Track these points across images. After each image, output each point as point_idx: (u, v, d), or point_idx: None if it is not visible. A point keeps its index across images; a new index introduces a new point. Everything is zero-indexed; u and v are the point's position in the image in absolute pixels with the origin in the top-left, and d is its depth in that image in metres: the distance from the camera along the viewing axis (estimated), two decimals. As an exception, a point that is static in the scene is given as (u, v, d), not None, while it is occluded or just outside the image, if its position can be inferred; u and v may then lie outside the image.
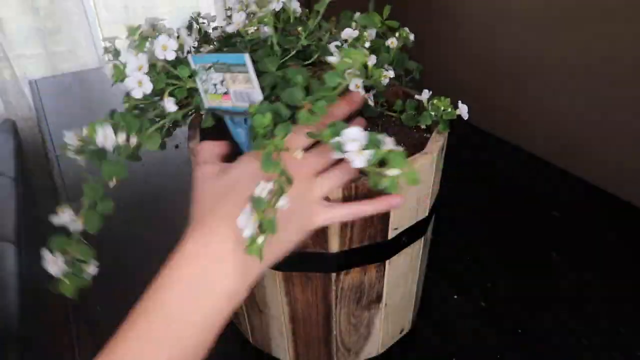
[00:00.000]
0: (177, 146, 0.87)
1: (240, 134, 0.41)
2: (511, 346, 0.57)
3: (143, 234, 0.78)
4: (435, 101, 0.45)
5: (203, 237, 0.35)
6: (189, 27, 0.47)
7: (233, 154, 0.41)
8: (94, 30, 1.84)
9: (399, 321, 0.55)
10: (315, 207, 0.38)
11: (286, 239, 0.37)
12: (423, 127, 0.49)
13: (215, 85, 0.38)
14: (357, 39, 0.42)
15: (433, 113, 0.46)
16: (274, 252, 0.37)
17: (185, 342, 0.34)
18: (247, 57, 0.35)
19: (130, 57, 0.37)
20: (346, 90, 0.37)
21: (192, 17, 0.48)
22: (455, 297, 0.64)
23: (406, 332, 0.58)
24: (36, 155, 1.86)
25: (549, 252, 0.71)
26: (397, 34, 0.47)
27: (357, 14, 0.44)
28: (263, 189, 0.31)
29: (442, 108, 0.45)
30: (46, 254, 0.36)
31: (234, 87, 0.38)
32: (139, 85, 0.37)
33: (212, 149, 0.41)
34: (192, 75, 0.39)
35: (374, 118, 0.51)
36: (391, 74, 0.41)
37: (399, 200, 0.38)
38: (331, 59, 0.36)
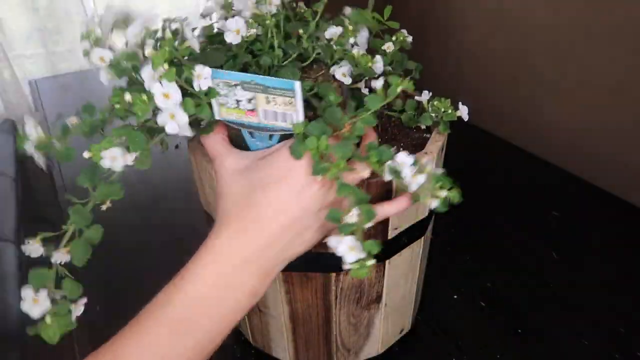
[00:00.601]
0: (177, 146, 0.87)
1: (259, 147, 0.39)
2: (511, 346, 0.57)
3: (142, 235, 0.78)
4: (435, 102, 0.45)
5: (231, 236, 0.36)
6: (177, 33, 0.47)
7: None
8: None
9: (399, 321, 0.55)
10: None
11: (310, 241, 0.38)
12: (423, 127, 0.49)
13: (238, 101, 0.36)
14: (342, 36, 0.41)
15: (433, 114, 0.45)
16: (298, 252, 0.37)
17: (202, 334, 0.34)
18: (297, 85, 0.34)
19: (156, 86, 0.31)
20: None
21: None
22: (455, 297, 0.64)
23: (406, 332, 0.58)
24: (36, 156, 1.85)
25: (549, 252, 0.71)
26: (394, 38, 0.46)
27: (349, 10, 0.43)
28: (352, 215, 0.32)
29: (442, 109, 0.45)
30: (26, 293, 0.30)
31: (266, 107, 0.36)
32: (171, 118, 0.31)
33: (221, 137, 0.39)
34: (209, 93, 0.35)
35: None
36: (379, 59, 0.41)
37: (407, 203, 0.38)
38: (377, 85, 0.37)
